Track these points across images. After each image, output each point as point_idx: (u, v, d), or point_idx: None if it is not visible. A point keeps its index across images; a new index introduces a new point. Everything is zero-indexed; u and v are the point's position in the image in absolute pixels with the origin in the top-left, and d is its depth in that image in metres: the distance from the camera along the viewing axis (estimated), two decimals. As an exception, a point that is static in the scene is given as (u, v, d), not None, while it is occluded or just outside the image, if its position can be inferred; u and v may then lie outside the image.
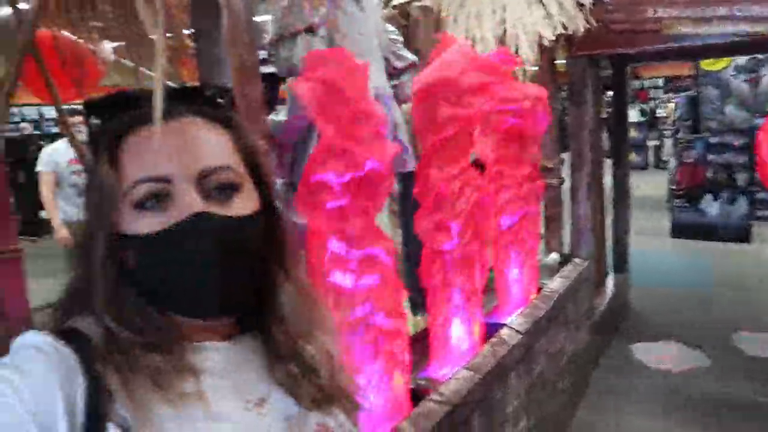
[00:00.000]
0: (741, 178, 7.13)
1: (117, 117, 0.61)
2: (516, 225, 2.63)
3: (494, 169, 2.47)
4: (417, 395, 1.79)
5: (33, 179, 4.44)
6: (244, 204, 0.61)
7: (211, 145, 0.61)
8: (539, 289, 2.84)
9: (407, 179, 2.39)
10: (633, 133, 12.27)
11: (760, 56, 7.63)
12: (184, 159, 0.58)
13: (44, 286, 1.65)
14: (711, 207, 6.82)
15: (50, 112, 11.67)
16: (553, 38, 2.95)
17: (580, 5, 2.94)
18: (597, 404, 3.22)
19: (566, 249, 3.52)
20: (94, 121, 0.62)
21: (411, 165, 2.19)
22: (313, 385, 0.65)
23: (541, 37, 2.97)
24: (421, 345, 2.24)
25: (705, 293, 4.95)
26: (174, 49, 1.56)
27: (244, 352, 0.65)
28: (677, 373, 3.55)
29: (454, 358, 2.07)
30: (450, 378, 1.90)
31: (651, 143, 12.62)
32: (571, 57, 3.20)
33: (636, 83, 17.98)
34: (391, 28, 2.40)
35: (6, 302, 1.57)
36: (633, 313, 4.55)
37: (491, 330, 2.31)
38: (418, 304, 2.49)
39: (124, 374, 0.55)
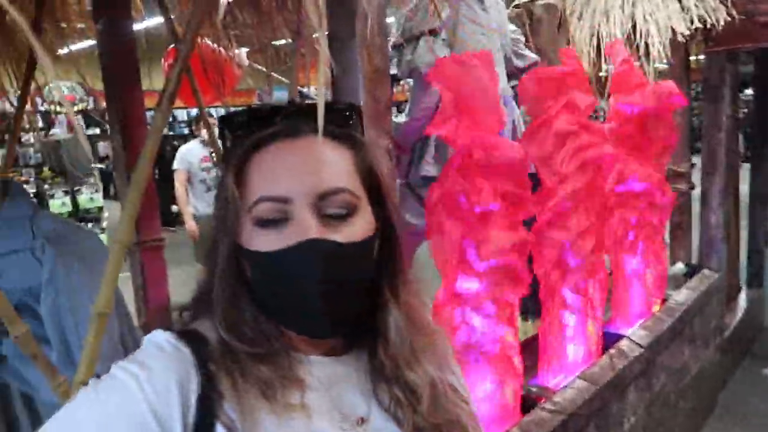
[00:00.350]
0: None
1: (250, 132, 0.62)
2: (640, 231, 2.49)
3: (616, 171, 2.36)
4: (527, 402, 1.76)
5: (165, 175, 4.85)
6: (359, 227, 0.61)
7: (332, 166, 0.61)
8: (664, 301, 2.67)
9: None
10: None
11: None
12: (305, 180, 0.59)
13: (172, 275, 1.80)
14: None
15: (181, 114, 12.63)
16: (689, 33, 2.75)
17: (722, -4, 2.72)
18: (721, 429, 2.98)
19: (694, 259, 3.28)
20: (229, 135, 0.64)
21: (530, 167, 2.14)
22: (416, 412, 0.64)
23: (674, 32, 2.78)
24: (530, 351, 2.20)
25: None
26: (303, 55, 1.63)
27: (348, 369, 0.65)
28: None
29: (568, 367, 2.00)
30: (565, 387, 1.85)
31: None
32: (708, 52, 2.96)
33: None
34: (513, 27, 2.35)
35: (148, 289, 1.73)
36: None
37: (608, 340, 2.21)
38: (529, 310, 2.43)
39: (235, 379, 0.58)
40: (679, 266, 3.17)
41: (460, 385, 0.73)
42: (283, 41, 1.95)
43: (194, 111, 9.94)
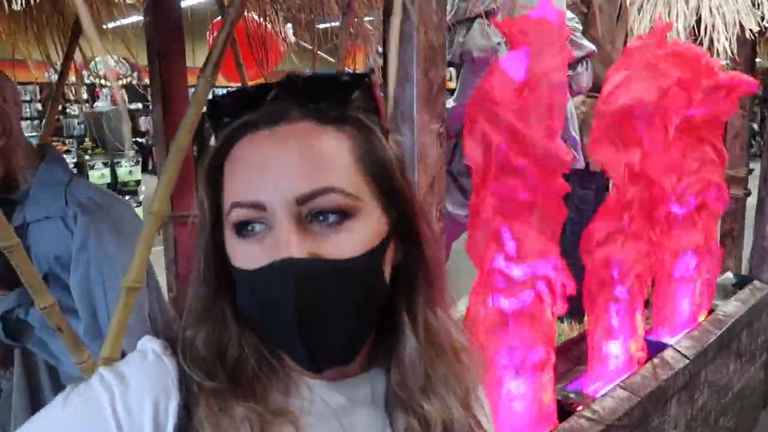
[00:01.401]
0: None
1: (235, 119, 0.51)
2: (689, 235, 2.36)
3: (668, 167, 2.23)
4: (563, 407, 1.68)
5: (203, 152, 4.86)
6: (359, 235, 0.49)
7: (320, 160, 0.48)
8: (710, 311, 2.54)
9: (576, 177, 2.24)
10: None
11: None
12: (282, 180, 0.48)
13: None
14: None
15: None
16: (758, 29, 2.59)
17: (798, -8, 2.54)
18: (765, 448, 2.84)
19: (743, 270, 3.12)
20: (212, 123, 0.53)
21: (580, 162, 2.04)
22: None
23: (743, 28, 2.62)
24: (566, 355, 2.11)
25: None
26: (355, 36, 1.56)
27: (363, 393, 0.57)
28: None
29: (608, 374, 1.91)
30: (604, 395, 1.76)
31: None
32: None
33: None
34: (570, 15, 2.24)
35: (180, 264, 1.70)
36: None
37: (650, 349, 2.10)
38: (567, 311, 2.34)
39: (214, 413, 0.50)
40: (729, 276, 3.02)
41: (485, 418, 0.64)
42: (331, 23, 1.89)
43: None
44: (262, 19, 1.93)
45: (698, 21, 2.70)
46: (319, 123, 0.50)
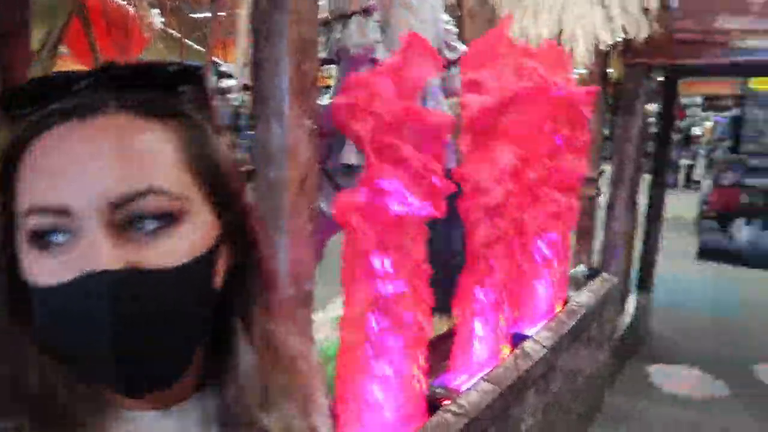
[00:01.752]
0: (778, 206, 6.92)
1: (35, 111, 0.44)
2: (550, 233, 2.52)
3: (534, 172, 2.36)
4: (431, 403, 1.71)
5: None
6: (186, 240, 0.44)
7: (138, 158, 0.42)
8: (565, 302, 2.73)
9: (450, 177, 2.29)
10: (667, 148, 12.01)
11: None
12: (91, 181, 0.41)
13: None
14: (741, 232, 6.62)
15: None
16: (612, 43, 2.81)
17: (646, 10, 2.79)
18: (609, 428, 3.12)
19: (595, 263, 3.40)
20: (7, 114, 0.45)
21: (452, 162, 2.09)
22: None
23: (598, 40, 2.83)
24: (436, 350, 2.16)
25: (729, 320, 4.80)
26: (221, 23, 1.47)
27: (190, 419, 0.51)
28: (692, 401, 3.44)
29: (473, 368, 1.98)
30: (470, 389, 1.82)
31: (683, 162, 12.32)
32: (627, 64, 3.05)
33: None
34: (446, 17, 2.28)
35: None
36: (653, 335, 4.42)
37: (513, 341, 2.21)
38: (436, 305, 2.40)
39: None
40: (581, 268, 3.27)
41: (325, 428, 0.61)
42: (204, 13, 1.76)
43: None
44: (124, 2, 1.76)
45: (561, 31, 2.87)
46: (140, 116, 0.44)
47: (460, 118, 2.41)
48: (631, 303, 4.24)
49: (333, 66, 1.98)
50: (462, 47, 2.32)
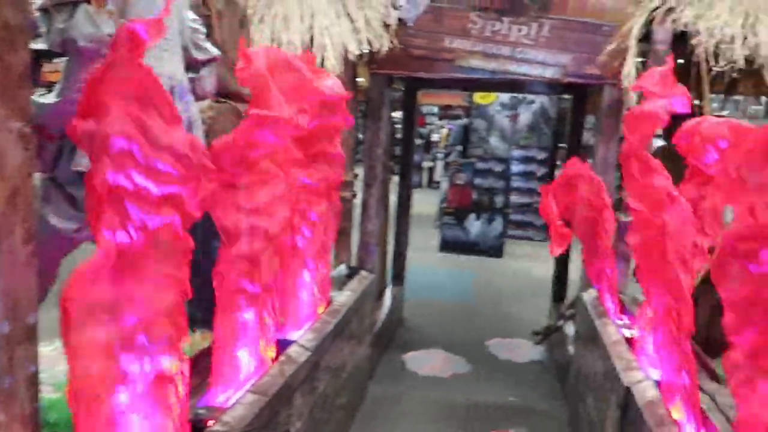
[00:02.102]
0: (499, 201, 8.11)
1: None
2: (311, 235, 2.57)
3: (296, 174, 2.38)
4: (196, 426, 1.60)
5: None
6: None
7: None
8: (329, 302, 2.81)
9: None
10: (411, 152, 13.25)
11: (519, 96, 8.78)
12: None
13: None
14: (473, 226, 7.62)
15: None
16: (358, 53, 2.98)
17: (386, 25, 3.01)
18: (371, 416, 3.30)
19: (353, 262, 3.57)
20: None
21: (206, 167, 1.99)
22: None
23: (346, 49, 2.97)
24: (198, 367, 2.04)
25: (467, 304, 5.47)
26: None
27: None
28: (443, 379, 3.83)
29: (239, 381, 1.92)
30: (236, 403, 1.75)
31: (426, 164, 13.72)
32: (372, 74, 3.26)
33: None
34: (193, 16, 2.17)
35: None
36: (406, 325, 4.81)
37: (281, 347, 2.20)
38: (197, 320, 2.27)
39: None
40: (341, 269, 3.40)
41: None
42: None
43: None
44: None
45: (312, 39, 2.95)
46: None
47: (216, 121, 2.33)
48: (387, 296, 4.57)
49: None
50: (212, 48, 2.23)
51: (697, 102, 2.98)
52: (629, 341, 2.49)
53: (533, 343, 4.26)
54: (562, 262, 4.69)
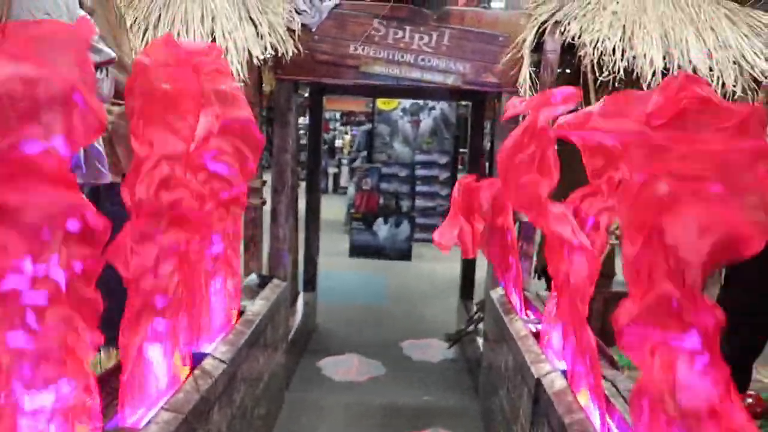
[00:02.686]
0: (405, 205, 8.27)
1: None
2: (221, 244, 2.49)
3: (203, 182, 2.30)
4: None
5: None
6: None
7: None
8: (240, 313, 2.74)
9: (105, 193, 2.06)
10: (316, 159, 13.22)
11: (420, 102, 9.02)
12: None
13: None
14: (381, 230, 7.71)
15: None
16: (263, 58, 2.93)
17: (290, 30, 2.99)
18: (289, 424, 3.26)
19: (264, 270, 3.50)
20: None
21: (106, 177, 1.89)
22: None
23: (251, 54, 2.92)
24: (105, 388, 1.93)
25: (379, 308, 5.52)
26: None
27: None
28: (359, 384, 3.84)
29: (152, 399, 1.82)
30: (150, 423, 1.66)
31: (331, 170, 13.72)
32: (278, 79, 3.22)
33: (318, 113, 19.50)
34: (83, 13, 2.04)
35: None
36: (320, 330, 4.79)
37: (195, 361, 2.12)
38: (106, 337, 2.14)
39: None
40: (253, 277, 3.33)
41: None
42: None
43: None
44: None
45: (214, 41, 2.87)
46: None
47: (118, 126, 2.21)
48: (300, 303, 4.52)
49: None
50: (107, 50, 2.11)
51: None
52: (536, 335, 2.62)
53: (447, 347, 4.37)
54: (468, 262, 4.85)
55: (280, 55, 3.01)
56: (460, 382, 3.94)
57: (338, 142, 18.13)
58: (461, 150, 8.93)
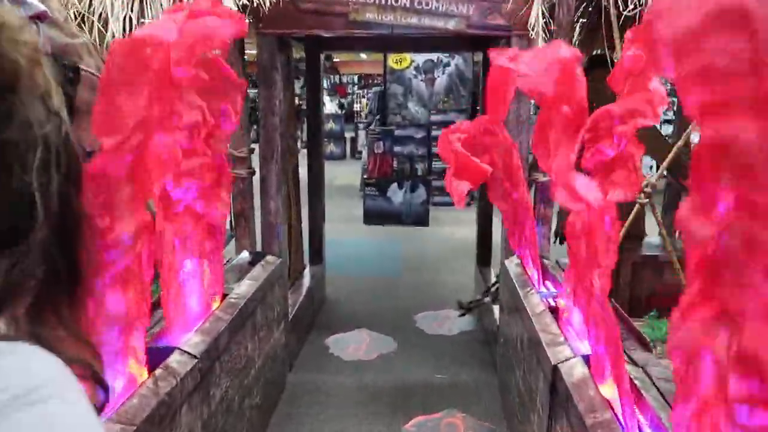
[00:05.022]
0: (420, 168, 7.91)
1: None
2: (193, 221, 2.21)
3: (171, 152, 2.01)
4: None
5: None
6: None
7: None
8: (225, 296, 2.48)
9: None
10: (332, 125, 12.88)
11: (434, 59, 8.55)
12: None
13: None
14: (396, 195, 7.38)
15: None
16: (237, 9, 2.59)
17: (267, -24, 2.64)
18: (291, 410, 3.03)
19: (258, 246, 3.23)
20: None
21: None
22: None
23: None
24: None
25: (393, 278, 5.25)
26: None
27: None
28: (369, 362, 3.59)
29: (102, 410, 1.58)
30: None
31: (348, 135, 13.37)
32: (259, 34, 2.88)
33: (335, 78, 19.16)
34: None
35: None
36: (328, 305, 4.54)
37: (161, 357, 1.86)
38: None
39: None
40: (244, 255, 3.07)
41: None
42: None
43: None
44: None
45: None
46: None
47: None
48: (306, 277, 4.26)
49: None
50: (36, 3, 1.81)
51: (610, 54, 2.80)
52: (555, 311, 2.31)
53: (458, 316, 4.08)
54: (483, 224, 4.52)
55: (256, 5, 2.67)
56: (476, 356, 3.66)
57: (356, 106, 17.74)
58: (479, 108, 8.48)
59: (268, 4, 2.66)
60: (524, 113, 2.96)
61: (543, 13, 2.72)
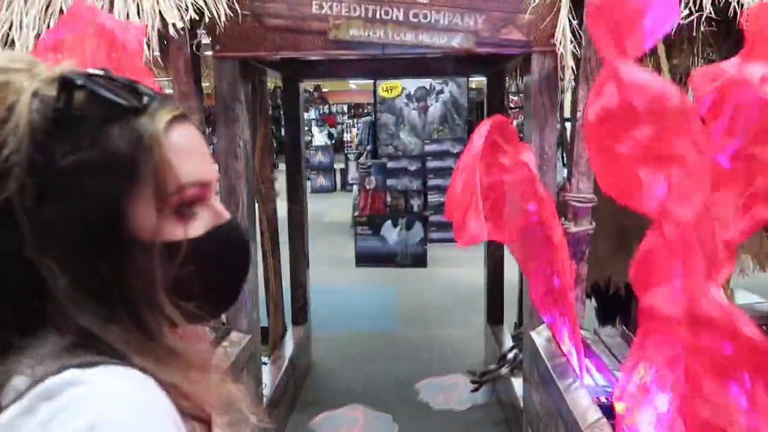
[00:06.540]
0: (416, 203, 7.34)
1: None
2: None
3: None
4: None
5: None
6: None
7: None
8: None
9: None
10: (321, 157, 12.35)
11: (426, 86, 8.06)
12: (213, 164, 0.65)
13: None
14: (391, 234, 6.78)
15: None
16: (183, 26, 2.03)
17: (221, -15, 2.08)
18: None
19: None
20: None
21: None
22: None
23: (165, 24, 2.02)
24: None
25: (389, 333, 4.61)
26: None
27: None
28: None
29: None
30: None
31: (338, 166, 12.83)
32: (217, 59, 2.32)
33: (324, 108, 18.84)
34: None
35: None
36: (315, 374, 3.89)
37: None
38: None
39: None
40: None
41: None
42: None
43: None
44: None
45: (112, 5, 1.98)
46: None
47: None
48: (288, 343, 3.64)
49: None
50: None
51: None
52: (610, 415, 1.70)
53: (470, 391, 3.44)
54: (494, 270, 3.89)
55: (209, 20, 2.11)
56: (493, 439, 3.03)
57: (346, 136, 17.32)
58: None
59: (224, 18, 2.10)
60: (549, 147, 2.39)
61: (569, 23, 2.17)
